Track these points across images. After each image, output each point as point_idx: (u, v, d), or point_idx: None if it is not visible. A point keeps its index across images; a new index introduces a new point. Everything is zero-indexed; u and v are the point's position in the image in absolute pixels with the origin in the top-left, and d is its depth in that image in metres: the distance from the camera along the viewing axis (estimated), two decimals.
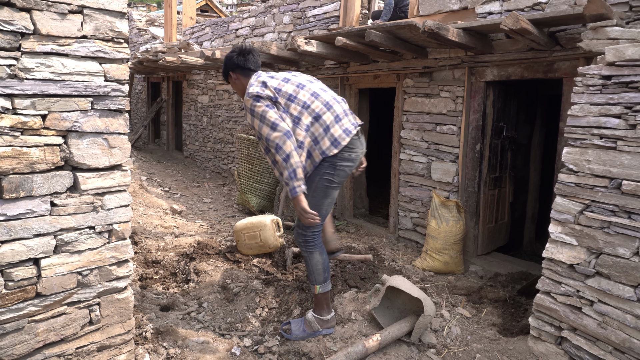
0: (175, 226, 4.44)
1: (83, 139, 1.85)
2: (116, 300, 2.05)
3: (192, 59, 6.38)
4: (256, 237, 3.36)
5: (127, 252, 2.05)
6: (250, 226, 3.37)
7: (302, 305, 2.86)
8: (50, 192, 1.78)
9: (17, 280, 1.74)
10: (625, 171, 2.13)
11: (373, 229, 5.07)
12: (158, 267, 3.40)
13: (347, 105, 2.62)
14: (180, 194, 6.31)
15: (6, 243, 1.70)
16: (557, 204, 2.41)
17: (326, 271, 2.58)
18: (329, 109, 2.47)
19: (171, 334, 2.51)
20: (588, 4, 2.68)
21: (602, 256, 2.23)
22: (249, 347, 2.56)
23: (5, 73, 1.63)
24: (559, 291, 2.42)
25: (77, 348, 1.95)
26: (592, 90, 2.28)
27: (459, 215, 3.94)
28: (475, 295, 3.38)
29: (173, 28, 8.72)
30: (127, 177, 2.00)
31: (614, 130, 2.18)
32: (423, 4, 4.26)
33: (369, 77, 5.00)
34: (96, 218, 1.92)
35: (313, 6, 5.67)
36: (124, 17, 1.91)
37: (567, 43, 3.27)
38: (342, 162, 2.47)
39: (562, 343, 2.46)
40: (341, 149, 2.42)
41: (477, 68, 3.94)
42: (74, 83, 1.80)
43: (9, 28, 1.62)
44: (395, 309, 2.76)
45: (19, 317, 1.76)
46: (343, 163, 2.47)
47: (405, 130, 4.57)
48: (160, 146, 10.69)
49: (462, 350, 2.60)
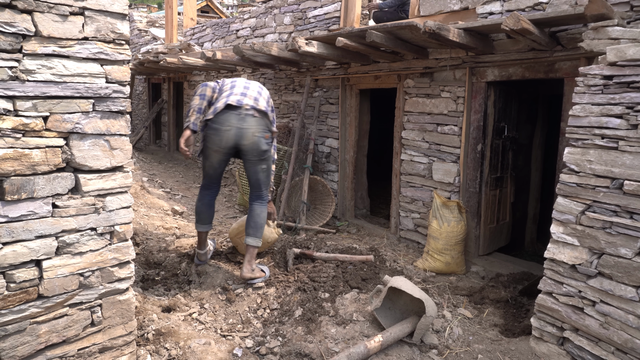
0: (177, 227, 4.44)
1: (84, 140, 1.85)
2: (118, 301, 2.05)
3: (193, 60, 6.38)
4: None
5: (129, 253, 2.05)
6: (242, 229, 3.31)
7: (304, 306, 2.86)
8: (52, 193, 1.79)
9: (19, 282, 1.74)
10: (627, 171, 2.13)
11: (374, 229, 5.06)
12: (159, 268, 3.40)
13: (262, 96, 3.06)
14: (182, 195, 6.31)
15: (8, 245, 1.70)
16: (558, 204, 2.40)
17: (197, 214, 3.23)
18: (231, 88, 3.04)
19: (173, 335, 2.51)
20: (589, 4, 2.68)
21: (604, 256, 2.23)
22: (251, 348, 2.56)
23: (7, 75, 1.63)
24: (560, 291, 2.41)
25: (79, 349, 1.95)
26: (594, 90, 2.28)
27: (461, 215, 3.94)
28: (477, 296, 3.37)
29: (174, 29, 8.73)
30: (128, 178, 2.00)
31: (615, 131, 2.18)
32: (424, 4, 4.26)
33: (369, 78, 5.00)
34: (98, 219, 1.93)
35: (314, 7, 5.67)
36: (125, 19, 1.91)
37: (568, 43, 3.27)
38: (208, 130, 2.95)
39: (564, 343, 2.45)
40: (212, 116, 2.91)
41: (478, 68, 3.94)
42: (75, 85, 1.80)
43: (10, 30, 1.62)
44: (396, 310, 2.75)
45: (21, 318, 1.77)
46: (209, 131, 2.95)
47: (407, 131, 4.57)
48: (161, 147, 10.70)
49: (464, 351, 2.60)
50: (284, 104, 6.36)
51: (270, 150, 3.10)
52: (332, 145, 5.60)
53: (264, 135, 2.98)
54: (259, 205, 3.18)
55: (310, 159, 5.36)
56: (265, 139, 2.99)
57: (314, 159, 5.68)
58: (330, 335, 2.61)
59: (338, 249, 3.78)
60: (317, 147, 5.77)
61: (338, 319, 2.75)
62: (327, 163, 5.69)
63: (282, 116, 6.39)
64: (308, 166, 5.26)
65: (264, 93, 3.15)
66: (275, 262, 3.52)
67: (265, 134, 2.99)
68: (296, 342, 2.54)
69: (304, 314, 2.79)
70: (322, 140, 5.74)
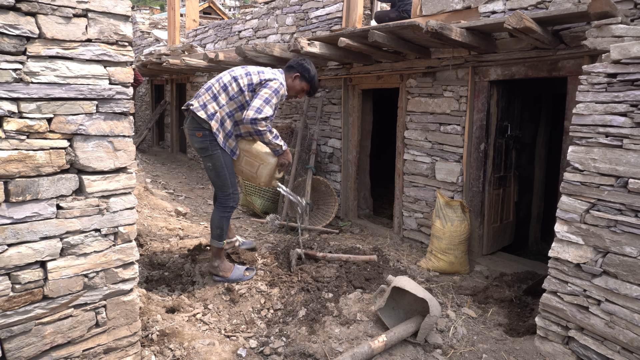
0: (180, 228, 4.45)
1: (88, 142, 1.86)
2: (122, 302, 2.05)
3: (196, 61, 6.39)
4: (253, 166, 3.17)
5: (133, 254, 2.06)
6: (255, 153, 3.15)
7: (308, 306, 2.86)
8: (56, 195, 1.79)
9: (24, 283, 1.75)
10: (631, 169, 2.12)
11: (377, 229, 5.06)
12: (163, 269, 3.40)
13: (211, 89, 3.02)
14: (185, 196, 6.33)
15: (13, 246, 1.71)
16: (562, 203, 2.40)
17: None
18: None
19: (177, 336, 2.52)
20: (593, 2, 2.67)
21: (609, 255, 2.22)
22: (255, 348, 2.56)
23: (11, 77, 1.64)
24: (565, 290, 2.40)
25: (83, 350, 1.96)
26: (598, 89, 2.27)
27: (464, 215, 3.93)
28: (481, 295, 3.36)
29: (176, 31, 8.75)
30: (132, 179, 2.01)
31: (619, 129, 2.17)
32: (426, 3, 4.26)
33: (372, 78, 5.00)
34: (102, 221, 1.93)
35: (316, 7, 5.67)
36: (128, 20, 1.91)
37: (572, 41, 3.26)
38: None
39: (569, 343, 2.44)
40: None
41: (480, 67, 3.93)
42: (79, 86, 1.81)
43: (14, 32, 1.63)
44: (400, 310, 2.75)
45: (26, 319, 1.77)
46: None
47: (409, 131, 4.56)
48: (164, 148, 10.72)
49: (469, 351, 2.59)
50: (286, 104, 6.37)
51: (211, 149, 2.98)
52: (335, 145, 5.59)
53: (195, 133, 2.97)
54: (216, 209, 3.15)
55: (312, 160, 5.36)
56: (197, 136, 2.97)
57: (317, 159, 5.68)
58: (334, 335, 2.61)
59: (341, 249, 3.78)
60: (320, 147, 5.77)
61: (342, 319, 2.75)
62: (330, 163, 5.69)
63: (284, 117, 6.39)
64: (311, 167, 5.27)
65: (224, 79, 3.02)
66: (278, 262, 3.52)
67: (197, 132, 2.96)
68: (300, 342, 2.54)
69: (308, 314, 2.79)
70: (324, 141, 5.74)
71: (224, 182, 3.08)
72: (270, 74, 3.05)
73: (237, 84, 3.00)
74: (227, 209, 3.13)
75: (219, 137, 2.99)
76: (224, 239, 3.14)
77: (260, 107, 2.87)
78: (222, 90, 3.00)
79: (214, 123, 2.95)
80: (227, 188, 3.10)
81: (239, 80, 3.01)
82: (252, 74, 3.04)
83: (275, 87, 2.96)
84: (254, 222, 5.19)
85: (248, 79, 3.01)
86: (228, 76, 3.05)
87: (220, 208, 3.13)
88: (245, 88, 2.99)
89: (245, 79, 3.01)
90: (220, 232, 3.11)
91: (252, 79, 3.01)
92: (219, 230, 3.11)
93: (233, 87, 3.00)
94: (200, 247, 3.64)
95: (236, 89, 3.00)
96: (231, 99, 3.00)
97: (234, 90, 3.00)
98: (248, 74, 3.04)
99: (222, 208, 3.13)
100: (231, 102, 3.01)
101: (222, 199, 3.14)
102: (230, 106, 3.01)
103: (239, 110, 3.03)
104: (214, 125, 2.95)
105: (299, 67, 3.18)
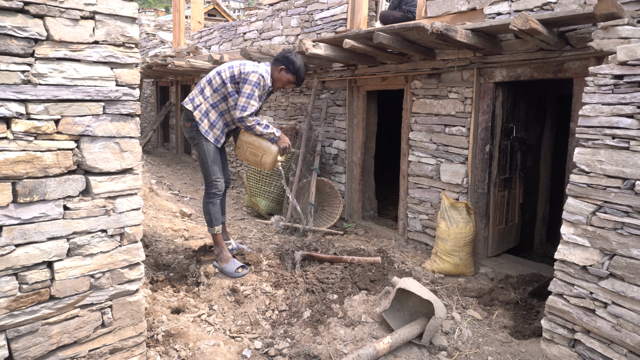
0: (185, 229, 4.47)
1: (95, 143, 1.87)
2: (128, 302, 2.06)
3: (201, 63, 6.42)
4: (257, 156, 3.38)
5: (139, 255, 2.07)
6: (257, 145, 3.35)
7: (312, 308, 2.86)
8: (63, 195, 1.80)
9: (32, 283, 1.76)
10: (638, 171, 2.11)
11: (382, 231, 5.05)
12: (168, 270, 3.42)
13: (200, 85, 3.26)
14: (190, 197, 6.34)
15: (21, 246, 1.72)
16: (568, 205, 2.38)
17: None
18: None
19: (182, 337, 2.52)
20: (599, 3, 2.66)
21: (616, 257, 2.20)
22: (260, 349, 2.56)
23: (19, 78, 1.66)
24: (571, 293, 2.39)
25: (89, 350, 1.97)
26: (604, 90, 2.26)
27: (469, 216, 3.92)
28: (486, 298, 3.35)
29: (181, 32, 8.79)
30: (138, 180, 2.02)
31: (626, 130, 2.16)
32: (431, 5, 4.26)
33: (377, 79, 5.00)
34: (108, 221, 1.94)
35: (320, 9, 5.68)
36: (134, 23, 1.93)
37: (578, 43, 3.25)
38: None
39: (575, 346, 2.43)
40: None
41: (485, 69, 3.92)
42: (86, 88, 1.82)
43: (22, 34, 1.64)
44: (405, 312, 2.74)
45: (33, 319, 1.79)
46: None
47: (414, 132, 4.56)
48: (169, 150, 10.76)
49: (474, 353, 2.58)
50: (291, 106, 6.38)
51: (197, 138, 3.25)
52: (340, 147, 5.60)
53: (185, 124, 3.29)
54: (204, 197, 3.37)
55: (317, 161, 5.36)
56: (186, 127, 3.28)
57: (322, 160, 5.68)
58: (338, 336, 2.61)
59: (346, 250, 3.77)
60: (325, 148, 5.77)
61: (347, 320, 2.74)
62: (335, 165, 5.69)
63: (289, 118, 6.40)
64: (315, 168, 5.27)
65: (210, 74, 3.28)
66: (283, 263, 3.53)
67: (186, 122, 3.28)
68: (305, 343, 2.54)
69: (313, 316, 2.79)
70: (329, 142, 5.74)
71: (207, 169, 3.29)
72: (251, 67, 3.22)
73: (220, 77, 3.23)
74: (210, 195, 3.33)
75: (201, 125, 3.23)
76: (215, 225, 3.31)
77: (244, 104, 3.12)
78: (207, 83, 3.26)
79: (197, 113, 3.22)
80: (209, 175, 3.31)
81: (222, 73, 3.24)
82: (234, 67, 3.24)
83: (254, 80, 3.14)
84: (258, 223, 5.20)
85: (230, 71, 3.22)
86: (213, 71, 3.30)
87: (205, 195, 3.37)
88: (228, 80, 3.21)
89: (228, 72, 3.23)
90: (209, 218, 3.31)
91: (234, 71, 3.22)
92: (207, 216, 3.33)
93: (216, 80, 3.23)
94: (205, 248, 3.65)
95: (219, 81, 3.22)
96: (215, 91, 3.24)
97: (217, 83, 3.23)
98: (230, 67, 3.25)
99: (206, 195, 3.35)
100: (215, 94, 3.24)
101: (206, 186, 3.36)
102: (214, 98, 3.24)
103: (223, 102, 3.27)
104: (197, 115, 3.22)
105: (284, 60, 3.34)
